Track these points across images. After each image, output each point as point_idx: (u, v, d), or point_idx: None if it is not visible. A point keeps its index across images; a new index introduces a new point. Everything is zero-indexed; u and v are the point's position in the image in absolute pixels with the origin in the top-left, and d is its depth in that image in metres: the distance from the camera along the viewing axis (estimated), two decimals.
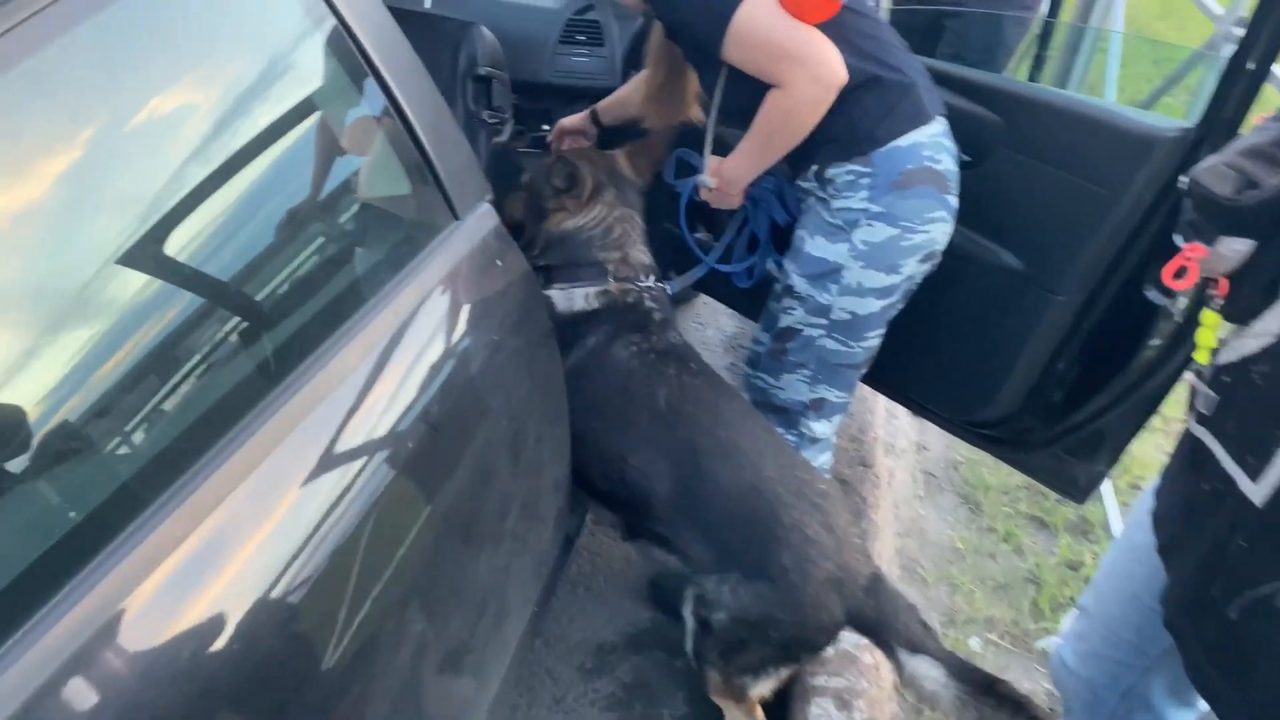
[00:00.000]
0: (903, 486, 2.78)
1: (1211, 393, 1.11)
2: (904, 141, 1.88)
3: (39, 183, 0.91)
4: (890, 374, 2.49)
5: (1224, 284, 1.08)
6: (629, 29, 2.84)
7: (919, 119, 1.89)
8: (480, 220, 1.50)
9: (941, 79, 2.09)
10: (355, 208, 1.33)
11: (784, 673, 1.84)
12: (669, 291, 2.18)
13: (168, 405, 1.01)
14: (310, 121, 1.27)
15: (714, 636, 1.81)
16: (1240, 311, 1.06)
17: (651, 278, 2.13)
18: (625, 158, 2.28)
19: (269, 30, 1.23)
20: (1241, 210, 1.01)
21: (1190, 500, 1.28)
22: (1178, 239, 1.15)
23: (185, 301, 1.04)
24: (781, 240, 2.21)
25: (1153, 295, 1.93)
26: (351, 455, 1.13)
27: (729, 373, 3.32)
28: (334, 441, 1.11)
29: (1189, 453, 1.31)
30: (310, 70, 1.27)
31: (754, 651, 1.79)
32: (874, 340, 2.08)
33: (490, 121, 2.22)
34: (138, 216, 0.98)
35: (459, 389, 1.33)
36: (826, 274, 1.99)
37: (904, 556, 2.56)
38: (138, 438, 0.98)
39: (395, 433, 1.19)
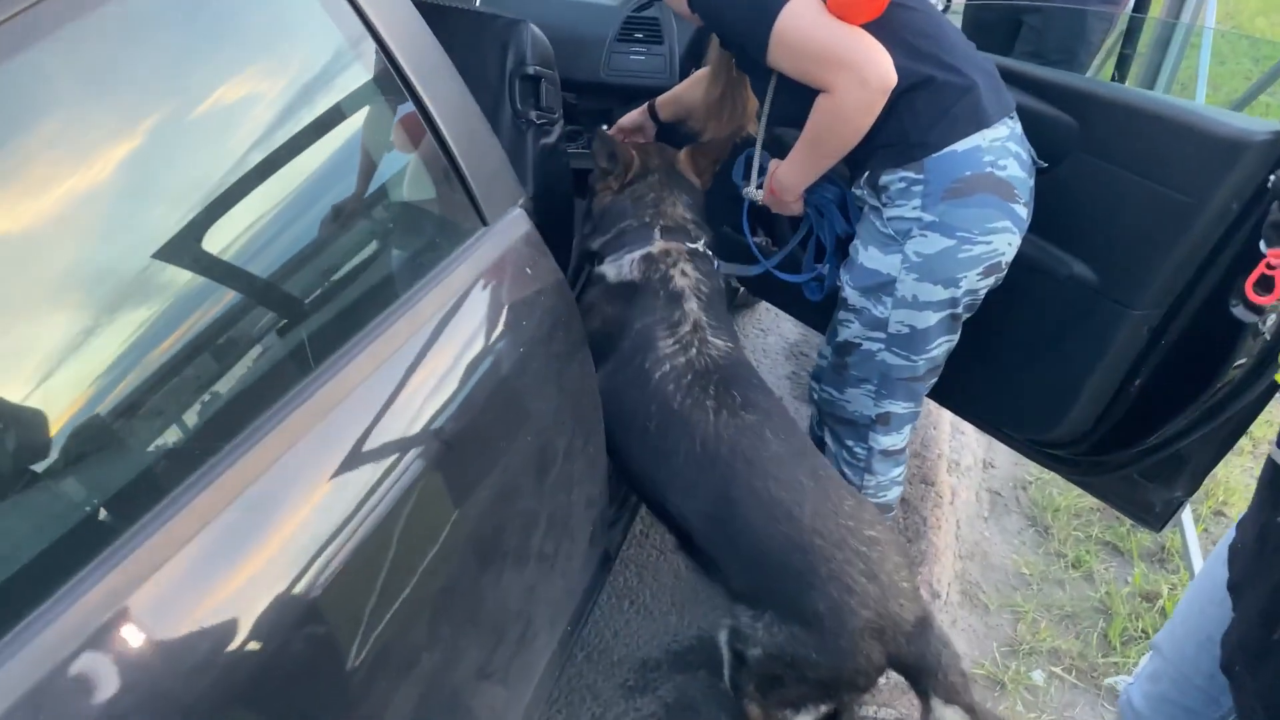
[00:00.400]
0: (966, 506, 2.65)
1: None
2: (960, 146, 1.77)
3: (71, 178, 0.90)
4: (955, 389, 2.37)
5: None
6: (688, 27, 2.77)
7: (978, 122, 1.77)
8: (511, 226, 1.44)
9: (1010, 77, 1.97)
10: (378, 213, 1.28)
11: (824, 709, 1.75)
12: (716, 265, 2.13)
13: (174, 405, 0.99)
14: (333, 125, 1.23)
15: (750, 670, 1.73)
16: None
17: (702, 240, 2.10)
18: (687, 157, 2.26)
19: (290, 33, 1.19)
20: None
21: (1264, 533, 1.16)
22: (1264, 245, 1.03)
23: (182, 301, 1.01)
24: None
25: (1239, 312, 1.79)
26: (364, 466, 1.09)
27: (790, 381, 3.22)
28: (348, 453, 1.07)
29: (1268, 481, 1.19)
30: (332, 74, 1.23)
31: (791, 689, 1.71)
32: (938, 351, 1.97)
33: (538, 122, 2.16)
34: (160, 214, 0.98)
35: (482, 401, 1.28)
36: (880, 286, 1.90)
37: (965, 581, 2.43)
38: (146, 436, 0.97)
39: (412, 445, 1.15)
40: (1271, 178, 0.98)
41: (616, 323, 1.96)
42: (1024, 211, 1.85)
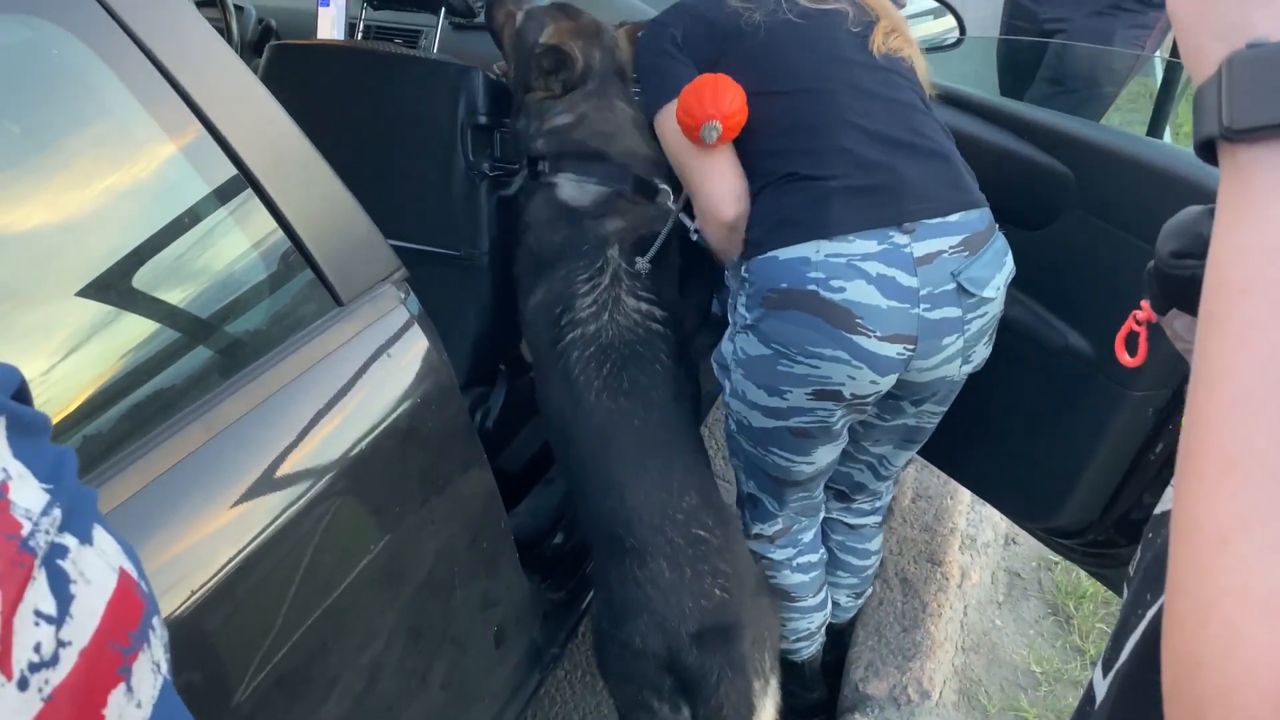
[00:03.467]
0: (978, 589, 2.39)
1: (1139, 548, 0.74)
2: (783, 254, 1.54)
3: None
4: (956, 460, 2.15)
5: None
6: None
7: (817, 230, 1.51)
8: (373, 305, 1.30)
9: (996, 117, 1.78)
10: (191, 300, 1.15)
11: None
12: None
13: None
14: (141, 205, 1.12)
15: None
16: None
17: (673, 195, 1.83)
18: (625, 36, 1.96)
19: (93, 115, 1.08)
20: (1173, 280, 0.66)
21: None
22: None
23: None
24: None
25: None
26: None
27: None
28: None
29: None
30: (143, 148, 1.11)
31: (616, 682, 1.69)
32: (785, 460, 1.74)
33: (492, 174, 2.03)
34: None
35: (307, 505, 1.14)
36: (722, 368, 1.75)
37: (964, 678, 2.17)
38: None
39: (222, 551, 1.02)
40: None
41: (552, 249, 1.84)
42: (887, 348, 1.52)
